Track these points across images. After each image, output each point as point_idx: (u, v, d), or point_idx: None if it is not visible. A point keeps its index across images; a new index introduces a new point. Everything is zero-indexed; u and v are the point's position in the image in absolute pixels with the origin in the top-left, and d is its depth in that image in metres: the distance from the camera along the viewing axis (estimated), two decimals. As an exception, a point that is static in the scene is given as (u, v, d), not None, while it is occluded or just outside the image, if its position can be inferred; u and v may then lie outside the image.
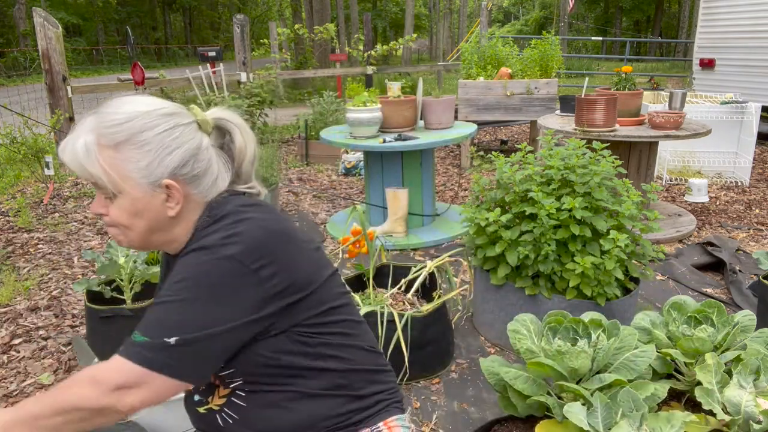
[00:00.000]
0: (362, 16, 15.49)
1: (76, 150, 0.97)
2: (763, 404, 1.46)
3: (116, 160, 0.98)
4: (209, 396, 1.11)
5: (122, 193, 0.99)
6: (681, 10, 25.94)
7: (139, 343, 0.92)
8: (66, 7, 26.51)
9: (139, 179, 0.99)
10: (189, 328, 0.93)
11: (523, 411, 1.68)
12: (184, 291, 0.94)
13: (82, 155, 0.97)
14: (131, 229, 1.03)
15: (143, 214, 1.01)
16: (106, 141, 0.98)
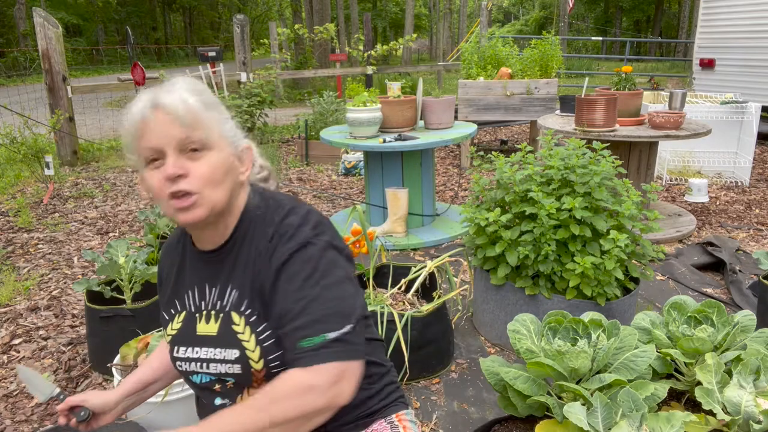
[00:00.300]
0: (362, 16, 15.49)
1: (187, 101, 0.98)
2: (763, 404, 1.46)
3: (214, 119, 1.01)
4: (237, 396, 1.07)
5: (217, 149, 1.00)
6: (681, 10, 25.94)
7: (327, 342, 0.92)
8: (66, 7, 26.51)
9: (230, 139, 1.04)
10: (350, 309, 0.96)
11: (523, 411, 1.68)
12: (325, 281, 0.97)
13: (195, 106, 0.98)
14: (219, 186, 1.00)
15: (229, 174, 1.02)
16: (205, 100, 1.01)
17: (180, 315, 1.12)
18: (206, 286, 1.09)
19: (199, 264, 1.11)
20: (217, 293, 1.07)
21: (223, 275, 1.07)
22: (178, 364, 1.10)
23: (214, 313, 1.06)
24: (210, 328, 1.06)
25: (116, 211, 4.65)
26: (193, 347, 1.07)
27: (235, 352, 1.02)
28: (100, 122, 9.13)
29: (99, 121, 9.17)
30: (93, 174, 5.87)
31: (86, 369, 2.40)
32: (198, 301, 1.09)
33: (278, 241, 1.01)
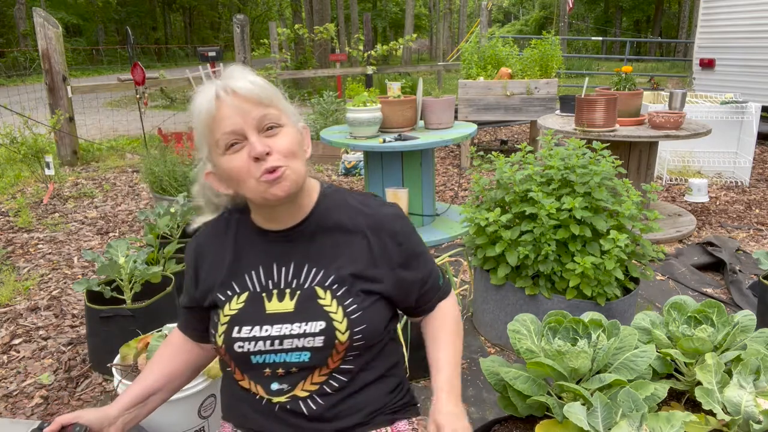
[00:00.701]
0: (362, 16, 15.50)
1: (257, 81, 1.04)
2: (763, 404, 1.46)
3: (280, 98, 1.08)
4: (299, 381, 1.09)
5: (288, 125, 1.07)
6: (681, 10, 25.94)
7: (444, 283, 1.29)
8: (66, 7, 26.51)
9: (295, 117, 1.11)
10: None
11: (523, 411, 1.68)
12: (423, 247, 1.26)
13: (265, 86, 1.05)
14: (298, 158, 1.07)
15: (300, 148, 1.10)
16: (266, 81, 1.08)
17: (240, 296, 1.11)
18: (274, 265, 1.12)
19: (263, 245, 1.13)
20: (291, 272, 1.11)
21: (297, 254, 1.12)
22: (238, 345, 1.08)
23: (289, 291, 1.10)
24: (284, 305, 1.09)
25: (116, 211, 4.65)
26: (261, 326, 1.08)
27: (321, 323, 1.07)
28: (100, 122, 9.13)
29: (99, 121, 9.17)
30: (93, 174, 5.87)
31: (86, 369, 2.40)
32: (264, 281, 1.12)
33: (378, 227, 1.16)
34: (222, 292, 1.13)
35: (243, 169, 1.01)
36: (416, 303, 1.22)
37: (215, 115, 1.01)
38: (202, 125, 1.03)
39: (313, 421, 1.10)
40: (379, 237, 1.15)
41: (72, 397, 2.23)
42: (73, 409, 2.16)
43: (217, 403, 1.90)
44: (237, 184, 1.04)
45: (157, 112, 10.57)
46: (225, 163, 1.02)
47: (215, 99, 1.01)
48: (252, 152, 1.00)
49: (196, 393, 1.79)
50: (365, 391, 1.13)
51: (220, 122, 1.00)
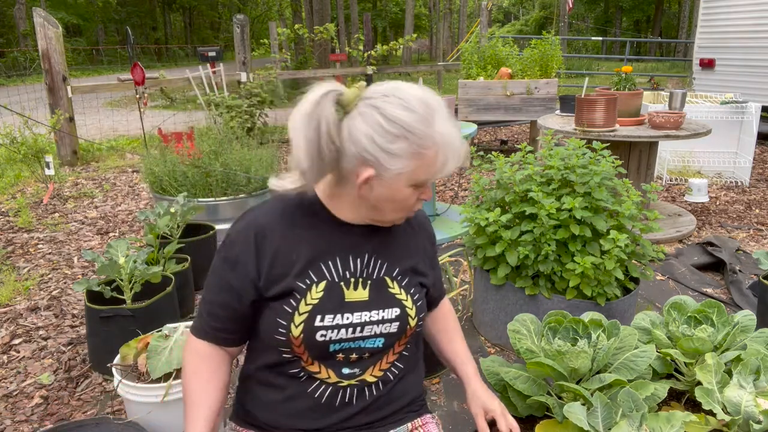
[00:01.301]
0: (362, 16, 15.49)
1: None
2: (763, 404, 1.46)
3: None
4: (369, 366, 1.17)
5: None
6: (681, 10, 25.94)
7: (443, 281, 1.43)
8: (66, 7, 26.51)
9: None
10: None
11: (523, 411, 1.68)
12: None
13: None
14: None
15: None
16: None
17: (319, 285, 1.12)
18: (349, 256, 1.16)
19: (339, 236, 1.16)
20: (363, 263, 1.16)
21: (368, 246, 1.17)
22: (320, 334, 1.10)
23: (362, 280, 1.15)
24: (360, 294, 1.15)
25: (116, 211, 4.65)
26: (343, 314, 1.12)
27: (396, 310, 1.16)
28: (100, 122, 9.13)
29: (99, 121, 9.17)
30: (93, 174, 5.87)
31: (86, 369, 2.40)
32: (342, 271, 1.14)
33: (423, 228, 1.29)
34: (301, 280, 1.12)
35: (411, 204, 1.10)
36: (429, 299, 1.31)
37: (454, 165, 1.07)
38: (431, 159, 1.03)
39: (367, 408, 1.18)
40: (424, 236, 1.28)
41: (72, 397, 2.23)
42: (74, 409, 2.16)
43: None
44: (392, 207, 1.10)
45: (157, 112, 10.57)
46: (407, 193, 1.07)
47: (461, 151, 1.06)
48: (424, 196, 1.11)
49: (196, 393, 1.79)
50: (407, 379, 1.24)
51: (439, 171, 1.06)
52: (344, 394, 1.15)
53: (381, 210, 1.10)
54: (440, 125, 1.02)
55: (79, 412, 2.14)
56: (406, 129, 1.00)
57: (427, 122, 1.01)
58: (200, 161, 3.90)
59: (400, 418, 1.23)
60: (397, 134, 1.00)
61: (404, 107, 1.01)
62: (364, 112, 1.01)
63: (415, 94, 1.03)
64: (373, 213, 1.12)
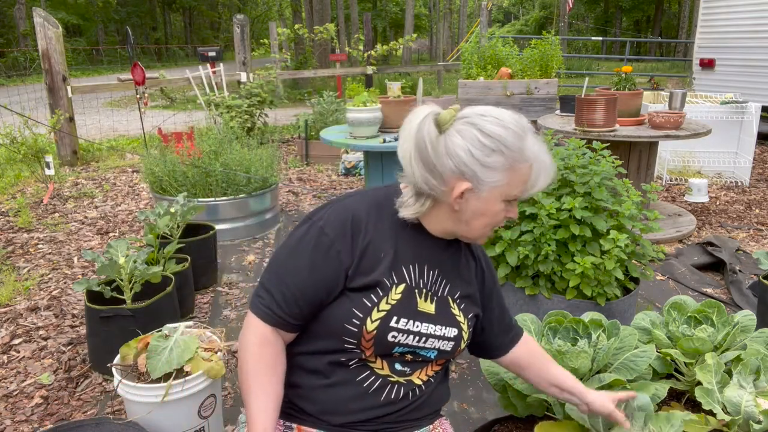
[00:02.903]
0: (362, 16, 15.48)
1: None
2: (763, 404, 1.46)
3: None
4: (418, 369, 1.20)
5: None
6: (681, 10, 25.94)
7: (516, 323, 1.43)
8: (66, 7, 26.50)
9: None
10: None
11: (523, 411, 1.68)
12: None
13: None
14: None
15: None
16: None
17: (399, 287, 1.14)
18: (426, 267, 1.19)
19: (421, 243, 1.18)
20: (434, 278, 1.20)
21: (440, 262, 1.21)
22: (392, 335, 1.13)
23: (431, 294, 1.19)
24: (428, 306, 1.18)
25: (116, 211, 4.65)
26: (415, 321, 1.15)
27: (455, 330, 1.20)
28: (100, 122, 9.13)
29: (99, 121, 9.17)
30: (93, 174, 5.87)
31: (86, 369, 2.40)
32: (417, 279, 1.18)
33: (486, 264, 1.31)
34: (388, 277, 1.14)
35: (498, 220, 1.14)
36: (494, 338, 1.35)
37: (545, 183, 1.11)
38: (524, 175, 1.09)
39: (407, 408, 1.20)
40: (485, 272, 1.30)
41: (72, 397, 2.23)
42: (74, 409, 2.16)
43: (217, 403, 1.90)
44: (478, 221, 1.12)
45: (157, 112, 10.57)
46: (498, 208, 1.11)
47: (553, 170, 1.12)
48: (510, 214, 1.14)
49: (196, 393, 1.79)
50: (442, 385, 1.29)
51: (531, 187, 1.11)
52: (391, 390, 1.17)
53: (471, 226, 1.13)
54: (532, 142, 1.08)
55: (79, 412, 2.14)
56: (501, 143, 1.05)
57: (520, 138, 1.07)
58: (200, 161, 3.90)
59: (426, 420, 1.26)
60: (493, 148, 1.05)
61: (499, 124, 1.07)
62: (462, 129, 1.06)
63: (508, 114, 1.10)
64: (462, 228, 1.14)
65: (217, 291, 3.18)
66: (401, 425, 1.21)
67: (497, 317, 1.33)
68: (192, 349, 1.80)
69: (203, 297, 3.10)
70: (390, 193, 1.19)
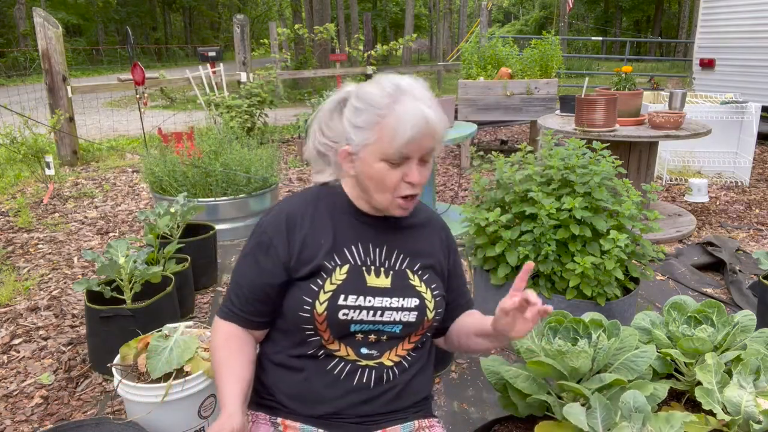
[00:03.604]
0: (362, 16, 15.49)
1: (444, 119, 1.13)
2: (763, 404, 1.46)
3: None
4: (386, 351, 1.21)
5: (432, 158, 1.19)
6: (681, 10, 25.94)
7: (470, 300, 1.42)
8: (66, 7, 26.50)
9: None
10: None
11: (523, 410, 1.68)
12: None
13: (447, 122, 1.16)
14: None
15: None
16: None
17: (342, 267, 1.18)
18: (369, 245, 1.22)
19: (360, 225, 1.23)
20: (384, 254, 1.23)
21: (388, 239, 1.24)
22: (343, 312, 1.15)
23: (384, 269, 1.21)
24: (381, 281, 1.20)
25: (116, 211, 4.65)
26: (365, 296, 1.18)
27: (415, 300, 1.21)
28: (100, 122, 9.13)
29: (99, 121, 9.17)
30: (93, 174, 5.87)
31: (86, 369, 2.40)
32: (363, 257, 1.21)
33: (449, 236, 1.35)
34: (328, 260, 1.18)
35: (392, 184, 1.13)
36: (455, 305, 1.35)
37: (411, 135, 1.07)
38: (388, 132, 1.08)
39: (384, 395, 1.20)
40: (447, 238, 1.34)
41: (72, 397, 2.23)
42: (74, 409, 2.16)
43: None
44: (374, 187, 1.14)
45: (157, 112, 10.57)
46: (380, 168, 1.11)
47: (419, 125, 1.07)
48: (410, 178, 1.12)
49: (196, 393, 1.79)
50: (421, 374, 1.27)
51: (409, 142, 1.08)
52: (362, 374, 1.19)
53: (367, 191, 1.16)
54: (408, 102, 1.08)
55: (79, 412, 2.14)
56: (368, 102, 1.10)
57: (391, 97, 1.08)
58: (200, 161, 3.90)
59: (409, 414, 1.26)
60: (361, 108, 1.11)
61: (374, 85, 1.12)
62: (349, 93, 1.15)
63: (394, 78, 1.12)
64: (369, 197, 1.18)
65: (217, 291, 3.18)
66: (385, 417, 1.22)
67: (461, 284, 1.37)
68: (192, 349, 1.80)
69: (203, 297, 3.10)
70: (326, 188, 1.26)
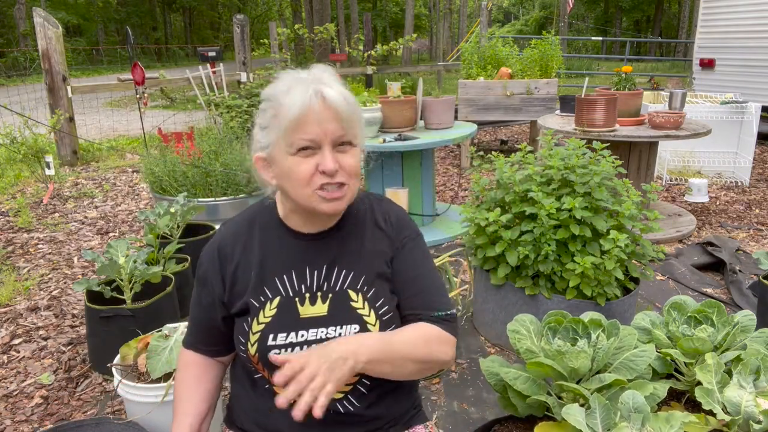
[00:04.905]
0: (362, 16, 15.48)
1: (347, 98, 1.02)
2: (763, 404, 1.46)
3: (360, 117, 1.06)
4: None
5: (358, 145, 1.06)
6: (681, 10, 25.94)
7: (449, 316, 1.16)
8: (66, 7, 26.51)
9: (363, 137, 1.09)
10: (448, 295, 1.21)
11: (522, 411, 1.68)
12: (433, 267, 1.17)
13: (352, 103, 1.04)
14: (357, 179, 1.07)
15: (360, 169, 1.08)
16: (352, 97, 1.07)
17: (272, 302, 1.09)
18: (306, 269, 1.10)
19: (294, 247, 1.11)
20: (323, 274, 1.10)
21: (329, 256, 1.11)
22: (274, 352, 1.05)
23: (321, 294, 1.10)
24: (317, 309, 1.09)
25: (116, 211, 4.65)
26: (297, 331, 1.08)
27: (355, 327, 1.08)
28: (100, 122, 9.13)
29: (99, 121, 9.17)
30: (93, 174, 5.87)
31: (86, 369, 2.40)
32: (297, 285, 1.10)
33: (397, 222, 1.16)
34: (255, 297, 1.09)
35: (305, 176, 1.01)
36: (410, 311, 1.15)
37: (302, 117, 0.98)
38: (283, 119, 1.00)
39: (345, 424, 1.11)
40: (394, 227, 1.17)
41: (72, 397, 2.23)
42: (74, 409, 2.16)
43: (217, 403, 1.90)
44: (291, 185, 1.03)
45: (157, 112, 10.57)
46: (290, 163, 1.01)
47: (311, 100, 0.98)
48: (323, 166, 1.00)
49: (196, 393, 1.79)
50: (384, 400, 1.15)
51: (304, 126, 0.99)
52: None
53: (288, 194, 1.05)
54: (301, 85, 1.00)
55: (79, 412, 2.14)
56: (267, 98, 1.04)
57: (287, 86, 1.01)
58: (200, 161, 3.90)
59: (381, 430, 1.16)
60: (264, 107, 1.05)
61: (278, 80, 1.04)
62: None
63: (298, 71, 1.05)
64: (296, 201, 1.05)
65: (217, 291, 3.18)
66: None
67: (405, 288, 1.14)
68: (192, 349, 1.80)
69: (203, 297, 3.10)
70: (262, 206, 1.17)
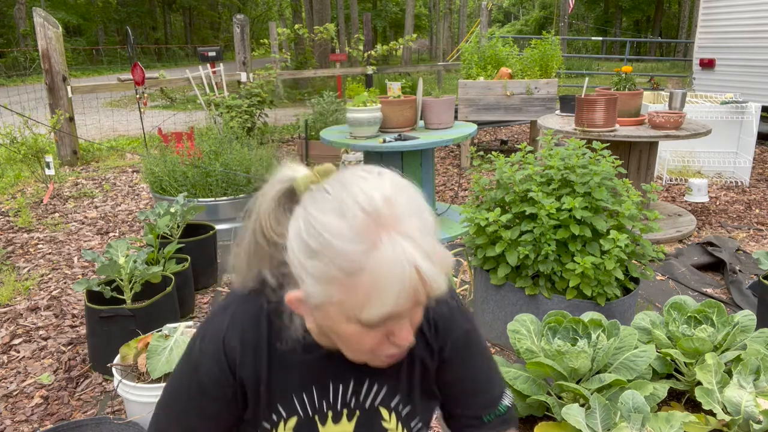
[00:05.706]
0: (362, 16, 15.48)
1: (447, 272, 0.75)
2: (763, 404, 1.46)
3: None
4: None
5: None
6: (681, 10, 25.94)
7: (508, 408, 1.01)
8: (66, 7, 26.52)
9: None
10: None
11: (523, 411, 1.68)
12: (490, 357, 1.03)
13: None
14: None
15: None
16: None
17: (288, 422, 0.92)
18: (330, 383, 0.92)
19: (318, 361, 0.91)
20: (350, 389, 0.93)
21: (358, 369, 0.90)
22: None
23: (347, 411, 0.93)
24: (342, 428, 0.93)
25: (116, 211, 4.65)
26: None
27: None
28: (100, 122, 9.13)
29: (99, 121, 9.17)
30: (93, 174, 5.87)
31: (86, 369, 2.40)
32: (318, 402, 0.92)
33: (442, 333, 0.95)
34: (267, 416, 0.92)
35: (369, 347, 0.78)
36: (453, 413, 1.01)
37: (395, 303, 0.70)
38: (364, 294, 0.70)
39: None
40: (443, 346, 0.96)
41: (72, 397, 2.23)
42: (74, 409, 2.16)
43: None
44: (341, 343, 0.81)
45: (157, 112, 10.57)
46: (353, 331, 0.75)
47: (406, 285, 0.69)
48: (399, 340, 0.77)
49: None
50: None
51: (393, 314, 0.72)
52: None
53: (338, 345, 0.83)
54: (389, 249, 0.68)
55: (79, 412, 2.14)
56: (323, 243, 0.69)
57: (363, 240, 0.68)
58: (200, 161, 3.90)
59: None
60: (314, 248, 0.70)
61: (337, 210, 0.70)
62: (298, 210, 0.75)
63: (372, 193, 0.70)
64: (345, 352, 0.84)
65: (217, 291, 3.18)
66: None
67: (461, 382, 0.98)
68: (192, 349, 1.80)
69: (203, 297, 3.10)
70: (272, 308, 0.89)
